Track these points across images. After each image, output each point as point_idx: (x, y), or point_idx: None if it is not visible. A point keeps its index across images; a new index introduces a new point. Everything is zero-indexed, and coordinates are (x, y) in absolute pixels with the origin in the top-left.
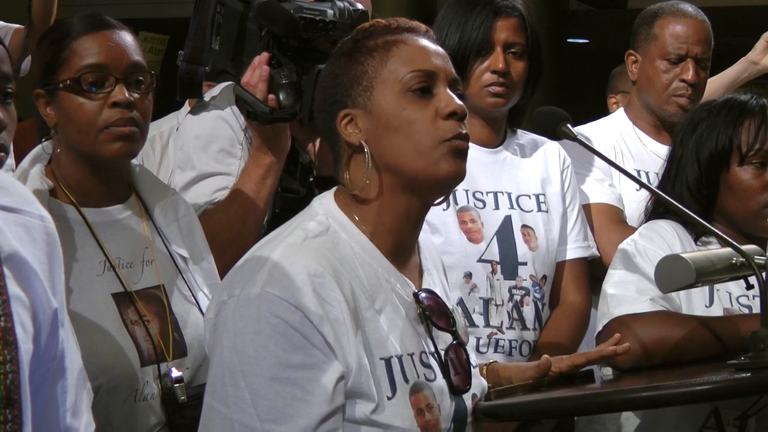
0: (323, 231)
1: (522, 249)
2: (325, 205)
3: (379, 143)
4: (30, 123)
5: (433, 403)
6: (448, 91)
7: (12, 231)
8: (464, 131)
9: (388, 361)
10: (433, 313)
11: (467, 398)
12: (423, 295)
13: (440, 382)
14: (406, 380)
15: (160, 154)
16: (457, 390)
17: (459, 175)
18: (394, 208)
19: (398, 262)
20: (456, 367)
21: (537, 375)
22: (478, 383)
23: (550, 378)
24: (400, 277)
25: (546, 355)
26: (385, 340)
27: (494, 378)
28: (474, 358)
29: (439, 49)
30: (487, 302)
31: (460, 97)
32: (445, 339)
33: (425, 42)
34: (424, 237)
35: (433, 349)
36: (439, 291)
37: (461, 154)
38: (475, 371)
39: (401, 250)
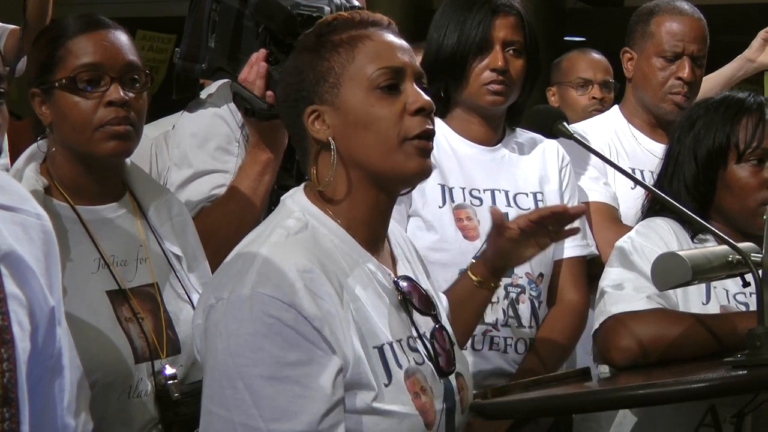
0: (303, 227)
1: None
2: (298, 202)
3: (347, 140)
4: (26, 122)
5: (426, 385)
6: (415, 86)
7: (9, 229)
8: (430, 127)
9: (380, 349)
10: (413, 299)
11: (452, 379)
12: (402, 282)
13: (428, 364)
14: (400, 366)
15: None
16: (443, 372)
17: (425, 173)
18: (364, 201)
19: (373, 251)
20: (438, 349)
21: (496, 229)
22: (461, 358)
23: (549, 377)
24: (379, 265)
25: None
26: (375, 329)
27: (480, 266)
28: (453, 336)
29: (404, 43)
30: None
31: (425, 91)
32: (426, 322)
33: (390, 37)
34: (392, 225)
35: (416, 334)
36: (413, 276)
37: (425, 153)
38: (456, 349)
39: (374, 239)
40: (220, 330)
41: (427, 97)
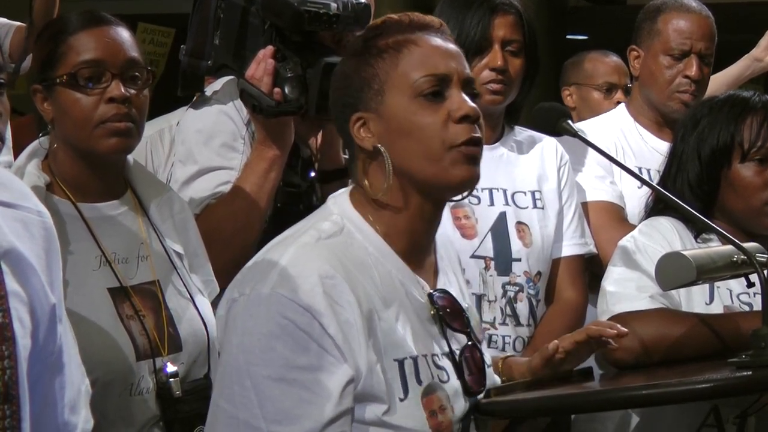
0: (337, 231)
1: (516, 245)
2: (339, 204)
3: (391, 147)
4: (29, 118)
5: (446, 404)
6: (462, 93)
7: (9, 226)
8: (477, 134)
9: (401, 363)
10: (447, 314)
11: (481, 398)
12: (437, 295)
13: (454, 383)
14: (419, 381)
15: (169, 147)
16: (471, 391)
17: (472, 180)
18: (408, 209)
19: (413, 263)
20: (470, 367)
21: (543, 361)
22: (491, 382)
23: (550, 375)
24: (413, 277)
25: (555, 341)
26: (399, 342)
27: (508, 373)
28: (488, 357)
29: (452, 47)
30: (479, 298)
31: (474, 96)
32: (459, 339)
33: (438, 41)
34: (443, 235)
35: (447, 350)
36: (454, 291)
37: (473, 160)
38: (489, 371)
39: (416, 250)
40: (236, 325)
41: (472, 104)
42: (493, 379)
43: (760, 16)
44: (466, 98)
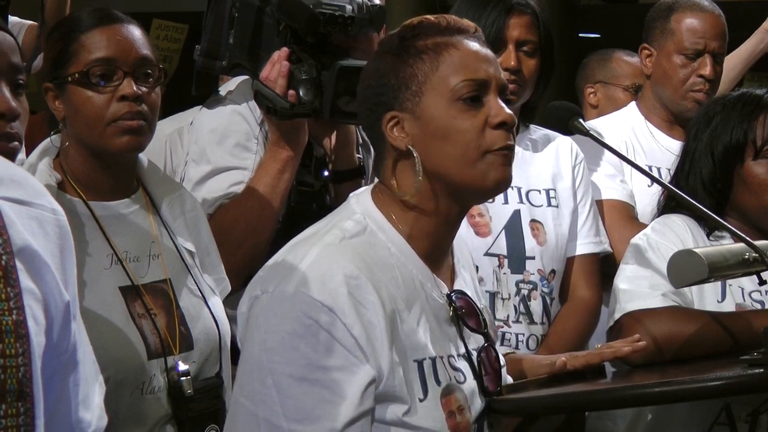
0: (360, 231)
1: (530, 243)
2: (362, 203)
3: (426, 150)
4: (41, 116)
5: (464, 405)
6: (498, 99)
7: (24, 224)
8: (511, 142)
9: (420, 363)
10: (464, 315)
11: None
12: (455, 296)
13: (471, 383)
14: (438, 382)
15: (188, 145)
16: (487, 392)
17: (506, 182)
18: (434, 211)
19: (432, 264)
20: (486, 368)
21: (549, 373)
22: (505, 382)
23: (563, 374)
24: (433, 278)
25: (563, 358)
26: (419, 342)
27: (510, 368)
28: (503, 358)
29: (489, 53)
30: (493, 296)
31: (507, 102)
32: (476, 340)
33: (476, 46)
34: (457, 235)
35: (464, 351)
36: (470, 292)
37: (508, 161)
38: (503, 371)
39: (436, 251)
40: (259, 323)
41: (509, 111)
42: (507, 379)
43: (761, 14)
44: (503, 105)
